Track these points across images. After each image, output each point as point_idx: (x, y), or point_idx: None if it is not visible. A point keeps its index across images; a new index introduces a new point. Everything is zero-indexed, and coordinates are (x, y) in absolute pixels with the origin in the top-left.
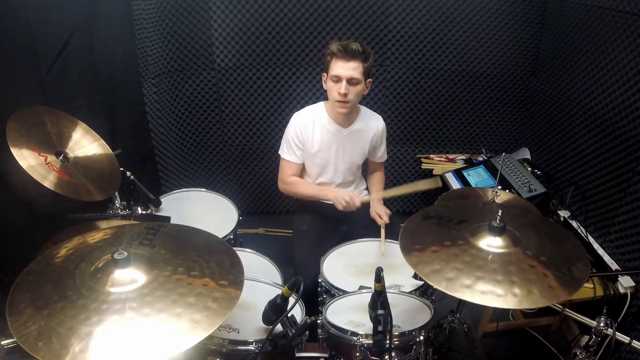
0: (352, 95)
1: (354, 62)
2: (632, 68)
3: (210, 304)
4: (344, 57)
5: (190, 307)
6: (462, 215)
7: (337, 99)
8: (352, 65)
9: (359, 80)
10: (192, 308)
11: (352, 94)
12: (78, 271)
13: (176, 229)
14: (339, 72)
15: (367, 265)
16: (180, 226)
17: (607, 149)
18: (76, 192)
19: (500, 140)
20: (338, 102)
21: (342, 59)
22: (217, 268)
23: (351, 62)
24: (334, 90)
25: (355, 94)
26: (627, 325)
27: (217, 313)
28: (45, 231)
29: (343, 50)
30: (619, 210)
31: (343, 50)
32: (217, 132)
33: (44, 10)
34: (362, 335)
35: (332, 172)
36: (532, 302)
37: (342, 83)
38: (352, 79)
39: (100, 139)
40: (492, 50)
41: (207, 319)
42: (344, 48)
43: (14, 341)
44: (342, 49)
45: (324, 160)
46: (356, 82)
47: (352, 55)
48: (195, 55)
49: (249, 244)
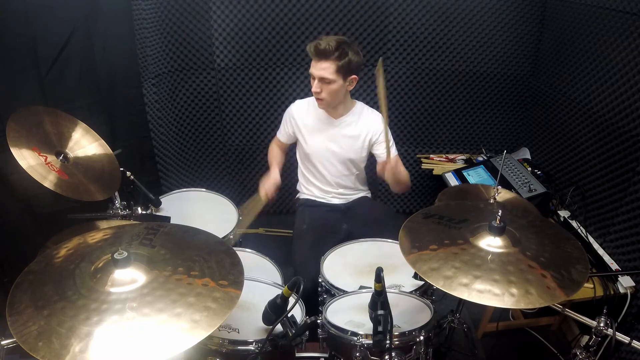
0: (325, 94)
1: (324, 62)
2: (632, 68)
3: (210, 303)
4: (315, 57)
5: (190, 306)
6: (463, 214)
7: (315, 96)
8: (322, 65)
9: (330, 79)
10: (192, 308)
11: (325, 92)
12: (78, 271)
13: (176, 228)
14: (312, 71)
15: (367, 265)
16: (180, 226)
17: (607, 149)
18: (76, 192)
19: (500, 140)
20: (316, 98)
21: (314, 58)
22: (217, 268)
23: (322, 62)
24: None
25: (328, 92)
26: (627, 325)
27: (217, 313)
28: (45, 231)
29: (314, 50)
30: (619, 210)
31: (314, 49)
32: (217, 132)
33: (44, 10)
34: (362, 335)
35: (325, 160)
36: (530, 302)
37: (314, 81)
38: (323, 78)
39: (100, 139)
40: (492, 50)
41: (207, 319)
42: (315, 48)
43: (14, 341)
44: (313, 49)
45: (313, 147)
46: (328, 82)
47: (322, 55)
48: (195, 55)
49: (249, 244)
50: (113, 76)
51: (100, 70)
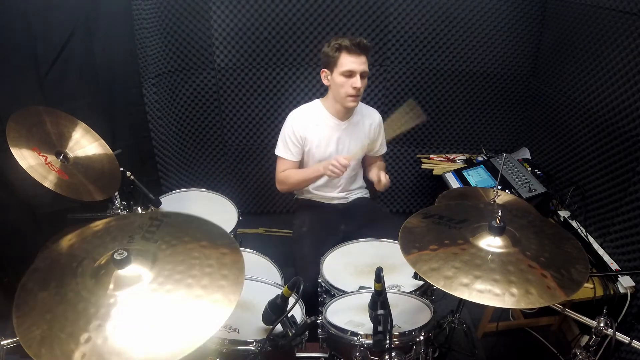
0: (363, 89)
1: (364, 56)
2: (632, 68)
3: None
4: (356, 52)
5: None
6: (463, 215)
7: (351, 94)
8: (363, 59)
9: (367, 73)
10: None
11: (363, 87)
12: (80, 269)
13: (179, 218)
14: (352, 67)
15: (367, 265)
16: (182, 215)
17: (607, 149)
18: (76, 192)
19: (500, 140)
20: (350, 96)
21: (354, 53)
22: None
23: (362, 56)
24: (347, 85)
25: (364, 87)
26: (627, 325)
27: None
28: (45, 231)
29: (355, 46)
30: (619, 210)
31: (355, 45)
32: (217, 132)
33: (44, 10)
34: (362, 335)
35: None
36: (530, 302)
37: (356, 77)
38: (365, 72)
39: (100, 139)
40: (492, 50)
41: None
42: (356, 43)
43: (14, 341)
44: (354, 44)
45: (325, 155)
46: (365, 76)
47: (363, 49)
48: (195, 55)
49: (249, 244)
50: (113, 76)
51: (100, 71)
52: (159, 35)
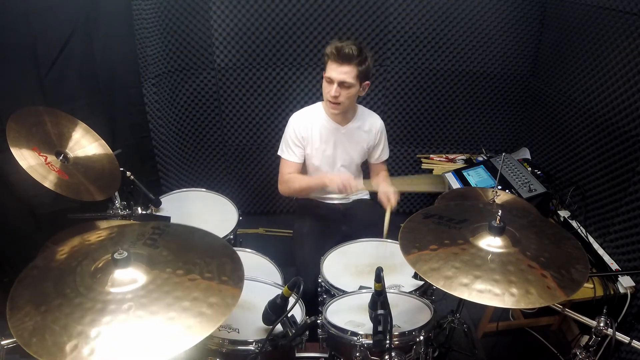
0: (343, 98)
1: (347, 66)
2: (632, 68)
3: (205, 309)
4: (337, 60)
5: (184, 311)
6: (463, 215)
7: (329, 100)
8: (344, 69)
9: (351, 84)
10: (187, 312)
11: (343, 97)
12: (79, 269)
13: (182, 229)
14: (332, 75)
15: (367, 265)
16: (186, 227)
17: (607, 149)
18: (76, 192)
19: (500, 140)
20: (329, 102)
21: (336, 61)
22: (217, 272)
23: (344, 66)
24: (326, 90)
25: (346, 97)
26: (627, 325)
27: (211, 319)
28: (45, 231)
29: (337, 54)
30: (619, 210)
31: (337, 53)
32: (217, 132)
33: (44, 10)
34: (362, 335)
35: (332, 170)
36: (530, 302)
37: (333, 85)
38: (344, 82)
39: (100, 139)
40: (492, 50)
41: (200, 325)
42: (338, 51)
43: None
44: (336, 52)
45: (323, 158)
46: (348, 86)
47: (345, 59)
48: (195, 55)
49: (249, 244)
50: (113, 76)
51: (100, 70)
52: (159, 35)
